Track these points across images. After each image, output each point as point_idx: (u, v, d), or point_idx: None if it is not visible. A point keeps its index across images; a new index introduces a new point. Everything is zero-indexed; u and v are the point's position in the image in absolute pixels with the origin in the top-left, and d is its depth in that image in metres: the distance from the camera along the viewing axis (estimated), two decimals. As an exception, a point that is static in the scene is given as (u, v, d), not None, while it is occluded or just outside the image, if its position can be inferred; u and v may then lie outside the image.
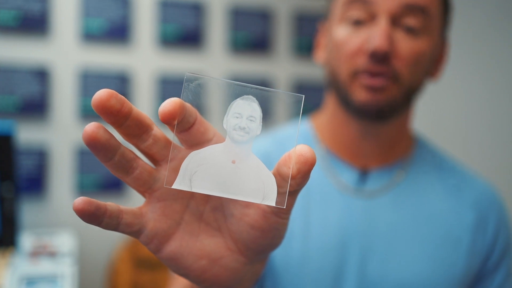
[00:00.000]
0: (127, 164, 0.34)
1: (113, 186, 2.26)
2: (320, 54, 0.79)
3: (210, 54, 2.38)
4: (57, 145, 2.19)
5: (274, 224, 0.36)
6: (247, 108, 0.33)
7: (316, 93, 2.49)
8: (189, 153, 0.35)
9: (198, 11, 2.35)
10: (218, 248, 0.38)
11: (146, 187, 0.37)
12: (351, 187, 0.74)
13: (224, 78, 2.29)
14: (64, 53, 2.18)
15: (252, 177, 0.33)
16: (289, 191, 0.34)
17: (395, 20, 0.67)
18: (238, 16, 2.41)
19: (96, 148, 0.33)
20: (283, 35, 2.51)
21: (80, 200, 0.33)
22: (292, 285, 0.71)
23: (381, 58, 0.65)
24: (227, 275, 0.38)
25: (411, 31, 0.67)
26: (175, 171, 0.34)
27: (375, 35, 0.65)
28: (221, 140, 0.35)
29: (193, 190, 0.34)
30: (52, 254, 1.78)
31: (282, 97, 0.62)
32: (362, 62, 0.67)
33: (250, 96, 0.33)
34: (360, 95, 0.68)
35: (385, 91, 0.67)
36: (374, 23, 0.67)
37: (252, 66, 2.44)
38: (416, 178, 0.76)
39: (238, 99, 0.34)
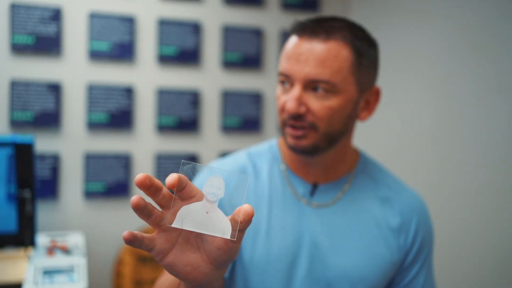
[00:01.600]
0: (149, 213, 0.57)
1: (117, 192, 2.49)
2: None
3: (204, 71, 2.62)
4: (68, 154, 2.42)
5: (231, 248, 0.58)
6: (216, 183, 0.57)
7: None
8: (182, 205, 0.57)
9: (194, 31, 2.59)
10: (197, 260, 0.60)
11: (157, 224, 0.58)
12: (304, 198, 0.98)
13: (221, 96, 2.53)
14: (74, 71, 2.43)
15: (218, 221, 0.56)
16: (238, 230, 0.56)
17: (307, 86, 0.89)
18: (230, 35, 2.65)
19: (137, 209, 0.56)
20: (273, 52, 2.74)
21: (127, 233, 0.56)
22: (257, 272, 0.95)
23: (295, 117, 0.89)
24: (202, 276, 0.60)
25: (320, 91, 0.89)
26: (174, 215, 0.57)
27: (289, 100, 0.89)
28: (201, 196, 0.57)
29: (184, 228, 0.57)
30: (65, 250, 2.01)
31: (233, 177, 0.89)
32: (285, 116, 0.93)
33: (219, 176, 0.57)
34: (289, 140, 0.93)
35: (307, 138, 0.91)
36: (292, 89, 0.91)
37: (244, 81, 2.68)
38: (356, 191, 0.99)
39: (210, 176, 0.58)
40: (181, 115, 2.58)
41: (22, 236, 2.01)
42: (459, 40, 2.05)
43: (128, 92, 2.50)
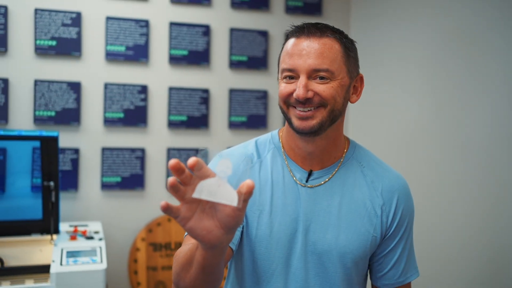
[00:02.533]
0: (177, 189, 0.73)
1: (132, 184, 2.67)
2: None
3: (213, 71, 2.80)
4: (87, 149, 2.61)
5: (237, 215, 0.74)
6: (226, 163, 0.74)
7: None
8: (200, 182, 0.73)
9: (204, 34, 2.77)
10: (211, 226, 0.76)
11: (182, 197, 0.75)
12: (301, 183, 1.14)
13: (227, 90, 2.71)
14: (93, 71, 2.61)
15: (227, 193, 0.74)
16: (243, 200, 0.73)
17: (310, 76, 1.07)
18: (237, 37, 2.82)
19: (172, 188, 0.72)
20: (277, 53, 2.91)
21: (164, 202, 0.72)
22: (261, 246, 1.12)
23: (302, 101, 1.06)
24: (215, 239, 0.77)
25: (323, 79, 1.06)
26: (194, 189, 0.74)
27: (298, 88, 1.06)
28: (214, 175, 0.73)
29: (201, 198, 0.73)
30: (86, 236, 2.20)
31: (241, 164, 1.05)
32: (293, 100, 1.08)
33: (227, 158, 0.75)
34: (296, 122, 1.08)
35: (314, 117, 1.06)
36: (298, 80, 1.07)
37: (250, 80, 2.85)
38: (345, 175, 1.15)
39: (221, 159, 0.75)
40: (191, 112, 2.77)
41: (47, 224, 2.20)
42: (458, 39, 2.19)
43: (142, 91, 2.68)
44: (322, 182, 1.13)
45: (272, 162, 1.16)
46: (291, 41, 1.11)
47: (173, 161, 0.71)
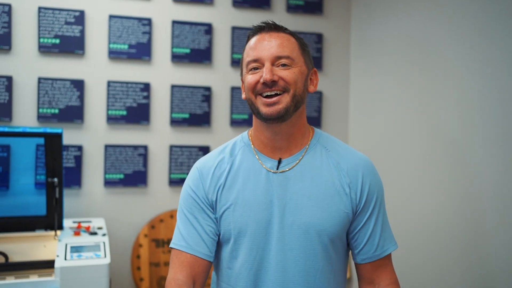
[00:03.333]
0: None
1: (135, 182, 2.70)
2: (243, 95, 1.28)
3: (215, 69, 2.82)
4: (90, 146, 2.63)
5: None
6: None
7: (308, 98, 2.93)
8: None
9: (206, 32, 2.79)
10: None
11: None
12: (272, 170, 1.23)
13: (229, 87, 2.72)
14: (96, 69, 2.64)
15: None
16: None
17: (273, 62, 1.18)
18: (239, 36, 2.85)
19: None
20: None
21: None
22: (244, 225, 1.20)
23: (269, 84, 1.16)
24: None
25: (284, 66, 1.18)
26: None
27: (265, 72, 1.17)
28: None
29: None
30: (89, 231, 2.22)
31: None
32: (260, 87, 1.19)
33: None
34: (263, 109, 1.18)
35: (280, 102, 1.17)
36: (263, 68, 1.18)
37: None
38: (312, 159, 1.24)
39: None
40: (193, 110, 2.79)
41: (51, 220, 2.22)
42: (458, 36, 2.21)
43: (145, 88, 2.71)
44: (291, 167, 1.22)
45: (243, 158, 1.26)
46: (253, 38, 1.23)
47: None
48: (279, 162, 1.23)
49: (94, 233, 2.19)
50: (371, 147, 2.82)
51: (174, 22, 2.75)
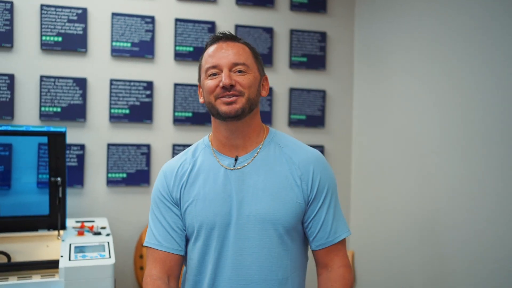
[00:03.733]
0: None
1: (137, 181, 2.68)
2: (201, 99, 1.38)
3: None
4: (92, 145, 2.61)
5: None
6: None
7: (305, 95, 2.92)
8: None
9: (209, 30, 2.77)
10: None
11: None
12: (229, 167, 1.34)
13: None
14: (98, 67, 2.61)
15: None
16: None
17: (230, 69, 1.30)
18: (242, 34, 2.83)
19: None
20: (283, 50, 2.92)
21: None
22: (205, 218, 1.31)
23: (228, 88, 1.28)
24: None
25: (240, 72, 1.30)
26: None
27: (223, 77, 1.28)
28: None
29: None
30: (93, 231, 2.20)
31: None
32: (219, 91, 1.29)
33: None
34: (223, 108, 1.29)
35: (237, 102, 1.29)
36: (222, 73, 1.29)
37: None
38: (266, 155, 1.35)
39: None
40: (196, 109, 2.77)
41: (54, 219, 2.20)
42: (464, 34, 2.20)
43: (148, 87, 2.69)
44: (247, 163, 1.33)
45: (204, 159, 1.38)
46: (211, 47, 1.34)
47: None
48: (236, 159, 1.34)
49: (98, 233, 2.17)
50: (375, 146, 2.81)
51: (177, 20, 2.73)
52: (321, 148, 2.98)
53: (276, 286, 1.30)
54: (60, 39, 2.54)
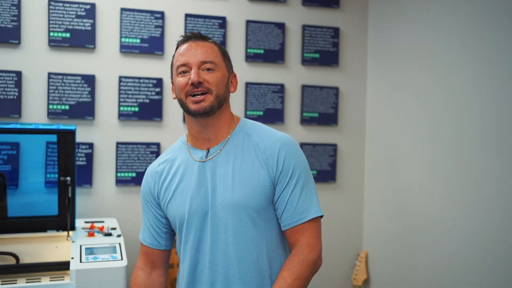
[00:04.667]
0: None
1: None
2: (174, 95, 1.44)
3: (231, 64, 2.74)
4: (101, 143, 2.55)
5: None
6: None
7: (317, 92, 2.85)
8: None
9: (220, 26, 2.71)
10: None
11: None
12: (201, 159, 1.42)
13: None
14: (107, 64, 2.56)
15: None
16: None
17: (199, 67, 1.36)
18: (254, 30, 2.76)
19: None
20: (295, 46, 2.86)
21: None
22: (183, 210, 1.39)
23: (196, 85, 1.35)
24: None
25: (209, 70, 1.37)
26: None
27: (192, 75, 1.35)
28: None
29: None
30: (103, 232, 2.14)
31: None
32: (189, 88, 1.36)
33: None
34: (192, 107, 1.36)
35: (205, 100, 1.36)
36: (191, 71, 1.36)
37: (267, 73, 2.80)
38: (235, 144, 1.42)
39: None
40: (207, 106, 2.71)
41: (64, 220, 2.14)
42: (478, 33, 2.14)
43: (158, 84, 2.63)
44: (217, 154, 1.41)
45: (180, 155, 1.47)
46: (182, 46, 1.41)
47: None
48: (208, 151, 1.42)
49: (109, 234, 2.11)
50: (389, 144, 2.75)
51: (187, 16, 2.67)
52: (334, 147, 2.91)
53: (253, 266, 1.36)
54: (68, 35, 2.48)
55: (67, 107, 2.49)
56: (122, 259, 1.91)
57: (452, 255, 2.24)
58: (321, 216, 1.41)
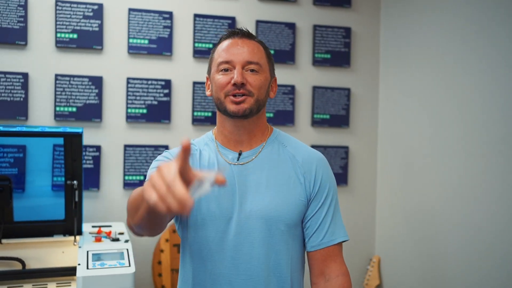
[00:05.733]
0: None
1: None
2: (209, 92, 1.39)
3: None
4: (109, 146, 2.51)
5: None
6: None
7: (328, 93, 2.79)
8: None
9: (229, 26, 2.66)
10: None
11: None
12: (233, 162, 1.34)
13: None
14: (115, 65, 2.51)
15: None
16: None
17: (244, 67, 1.30)
18: (264, 30, 2.71)
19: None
20: (306, 46, 2.80)
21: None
22: (207, 210, 1.29)
23: (239, 86, 1.28)
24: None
25: (253, 71, 1.30)
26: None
27: (236, 75, 1.28)
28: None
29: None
30: (111, 237, 2.10)
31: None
32: (230, 88, 1.29)
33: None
34: (231, 107, 1.29)
35: (245, 102, 1.29)
36: (235, 70, 1.29)
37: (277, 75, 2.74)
38: (270, 153, 1.36)
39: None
40: (216, 108, 2.65)
41: (70, 224, 2.10)
42: (492, 32, 2.07)
43: (166, 86, 2.58)
44: (251, 160, 1.34)
45: (208, 152, 1.37)
46: (226, 42, 1.33)
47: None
48: (240, 154, 1.34)
49: (116, 239, 2.06)
50: (401, 146, 2.68)
51: (196, 16, 2.62)
52: (345, 149, 2.85)
53: (275, 283, 1.29)
54: (75, 36, 2.44)
55: (74, 109, 2.45)
56: (130, 265, 1.86)
57: (469, 260, 2.17)
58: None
